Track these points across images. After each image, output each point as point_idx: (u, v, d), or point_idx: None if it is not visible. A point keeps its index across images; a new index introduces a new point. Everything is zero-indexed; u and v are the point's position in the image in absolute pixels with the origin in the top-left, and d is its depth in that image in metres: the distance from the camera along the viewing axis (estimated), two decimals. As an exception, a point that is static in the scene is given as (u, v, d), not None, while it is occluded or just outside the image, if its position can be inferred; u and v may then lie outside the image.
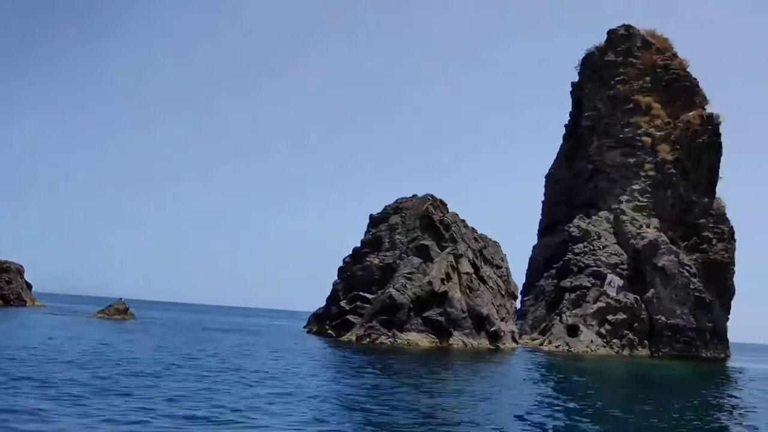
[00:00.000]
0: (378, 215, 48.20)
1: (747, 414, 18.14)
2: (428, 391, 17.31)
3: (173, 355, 22.50)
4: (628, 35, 66.83)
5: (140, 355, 21.36)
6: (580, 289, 51.81)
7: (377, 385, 17.71)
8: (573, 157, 67.48)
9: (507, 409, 15.33)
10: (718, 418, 17.02)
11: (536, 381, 23.86)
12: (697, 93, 63.87)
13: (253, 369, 19.77)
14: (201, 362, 20.69)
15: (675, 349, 53.01)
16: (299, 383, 17.14)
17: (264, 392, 14.95)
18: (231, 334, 41.70)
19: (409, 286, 39.30)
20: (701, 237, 59.13)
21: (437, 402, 15.58)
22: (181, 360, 20.80)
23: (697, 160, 60.85)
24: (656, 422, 15.04)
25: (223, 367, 19.67)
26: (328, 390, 16.28)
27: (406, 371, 22.38)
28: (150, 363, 19.12)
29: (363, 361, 25.01)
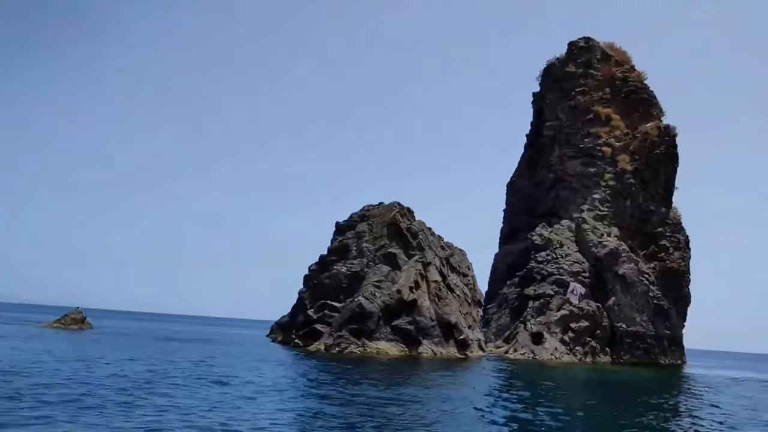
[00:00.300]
0: (344, 223, 47.76)
1: (706, 418, 18.35)
2: (410, 401, 17.02)
3: (147, 368, 21.65)
4: (587, 47, 68.09)
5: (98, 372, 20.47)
6: (544, 297, 52.26)
7: (357, 400, 17.32)
8: (534, 166, 68.29)
9: (468, 418, 15.14)
10: (677, 424, 17.18)
11: (504, 389, 23.77)
12: (654, 105, 65.43)
13: (236, 383, 19.14)
14: (176, 377, 19.91)
15: (635, 356, 53.92)
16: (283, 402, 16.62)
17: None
18: (197, 344, 40.59)
19: (378, 294, 38.97)
20: (659, 246, 60.38)
21: (411, 413, 15.28)
22: (154, 375, 19.99)
23: (655, 171, 62.27)
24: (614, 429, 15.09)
25: (203, 382, 18.99)
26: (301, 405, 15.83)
27: (383, 381, 22.01)
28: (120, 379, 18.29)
29: (337, 372, 24.54)
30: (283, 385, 19.27)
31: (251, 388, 17.71)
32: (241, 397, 15.73)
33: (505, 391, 23.24)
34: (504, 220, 71.51)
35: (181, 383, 17.66)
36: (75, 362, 21.34)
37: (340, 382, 20.82)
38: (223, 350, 35.13)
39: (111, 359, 23.42)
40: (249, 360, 28.32)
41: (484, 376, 28.89)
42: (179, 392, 15.80)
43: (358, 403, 15.90)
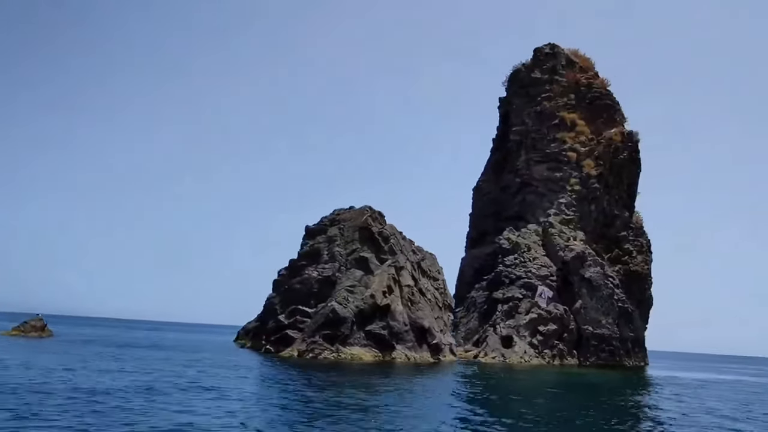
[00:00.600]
0: (315, 227, 47.34)
1: (673, 419, 18.56)
2: (387, 408, 16.78)
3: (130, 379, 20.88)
4: (553, 54, 68.98)
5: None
6: (513, 301, 52.60)
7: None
8: (501, 170, 68.83)
9: (438, 423, 15.01)
10: (646, 424, 17.32)
11: (477, 394, 23.71)
12: (617, 111, 66.60)
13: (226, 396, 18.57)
14: (155, 392, 19.25)
15: (600, 358, 54.67)
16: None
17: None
18: (164, 352, 39.56)
19: (351, 299, 38.64)
20: (622, 249, 61.41)
21: (389, 420, 15.07)
22: (132, 391, 19.31)
23: (619, 176, 63.35)
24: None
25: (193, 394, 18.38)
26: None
27: (360, 387, 21.70)
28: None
29: (313, 379, 24.11)
30: (260, 393, 18.82)
31: (224, 397, 17.23)
32: (214, 406, 15.26)
33: (478, 395, 23.17)
34: (470, 224, 71.85)
35: (164, 392, 17.08)
36: (34, 371, 20.53)
37: (316, 389, 20.45)
38: (192, 358, 34.28)
39: (75, 368, 22.63)
40: (218, 368, 27.66)
41: (459, 381, 28.80)
42: (159, 404, 15.25)
43: (336, 411, 15.60)
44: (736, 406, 25.16)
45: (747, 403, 27.19)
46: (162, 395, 16.77)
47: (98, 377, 20.33)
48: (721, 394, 32.23)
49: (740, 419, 20.10)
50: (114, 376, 21.08)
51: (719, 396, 30.50)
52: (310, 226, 48.11)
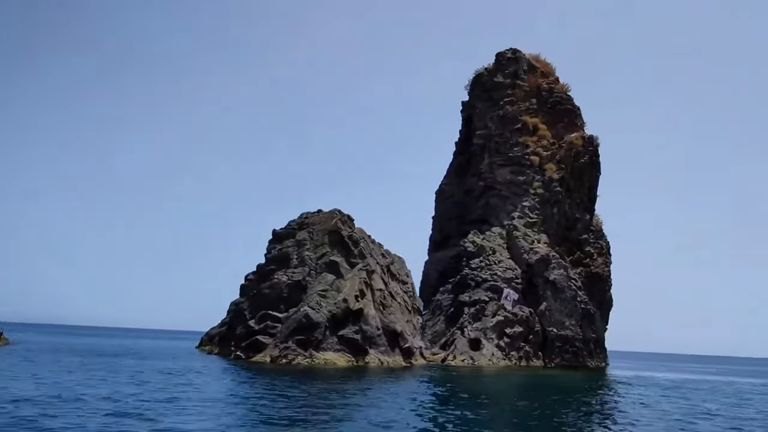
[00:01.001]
0: (282, 231, 46.72)
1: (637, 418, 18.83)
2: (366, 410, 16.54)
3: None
4: (515, 58, 69.79)
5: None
6: (479, 303, 52.86)
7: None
8: (464, 173, 69.26)
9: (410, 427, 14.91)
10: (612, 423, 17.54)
11: (454, 396, 23.66)
12: (578, 116, 67.73)
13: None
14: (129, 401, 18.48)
15: (565, 359, 55.44)
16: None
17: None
18: (127, 359, 38.33)
19: (324, 303, 38.22)
20: (584, 252, 62.44)
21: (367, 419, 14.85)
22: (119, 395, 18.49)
23: (580, 179, 64.43)
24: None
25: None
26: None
27: (340, 392, 21.37)
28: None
29: (294, 385, 23.64)
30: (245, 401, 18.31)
31: (202, 406, 16.69)
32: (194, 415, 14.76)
33: (462, 398, 23.08)
34: (433, 228, 72.05)
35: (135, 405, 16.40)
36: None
37: (296, 395, 20.04)
38: (156, 366, 33.19)
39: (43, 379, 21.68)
40: (189, 376, 26.91)
41: (437, 384, 28.70)
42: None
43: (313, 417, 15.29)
44: (694, 403, 25.71)
45: (689, 397, 27.85)
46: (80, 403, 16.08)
47: (22, 385, 19.28)
48: (685, 392, 32.94)
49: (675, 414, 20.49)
50: (39, 385, 19.91)
51: (683, 394, 31.15)
52: (277, 230, 47.47)
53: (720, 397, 30.39)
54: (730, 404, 26.52)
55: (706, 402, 26.95)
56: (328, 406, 17.74)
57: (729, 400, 29.14)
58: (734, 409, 24.31)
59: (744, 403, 27.74)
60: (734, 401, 28.40)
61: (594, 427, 17.18)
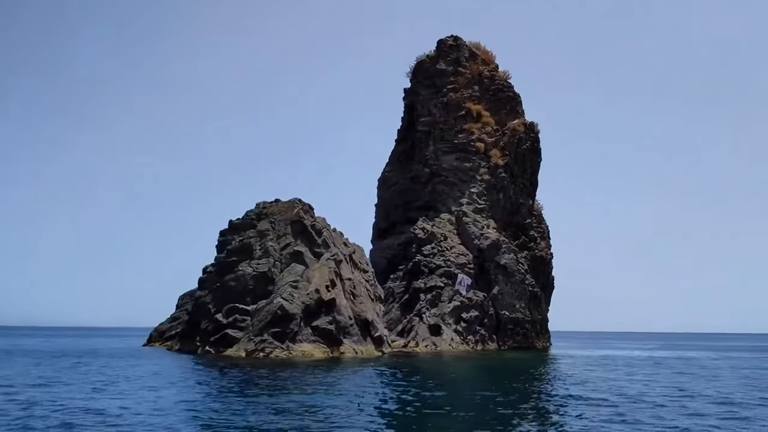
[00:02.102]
0: (240, 221, 45.39)
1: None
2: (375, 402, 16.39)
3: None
4: (456, 46, 70.39)
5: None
6: (435, 290, 53.29)
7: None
8: (408, 160, 69.42)
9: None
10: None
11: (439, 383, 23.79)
12: (519, 103, 69.20)
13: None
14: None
15: (516, 341, 56.89)
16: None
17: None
18: (90, 361, 36.25)
19: (296, 294, 37.46)
20: (528, 236, 64.05)
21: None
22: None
23: (522, 165, 65.96)
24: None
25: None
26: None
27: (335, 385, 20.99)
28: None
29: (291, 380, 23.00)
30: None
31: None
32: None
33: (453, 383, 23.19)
34: (377, 215, 71.93)
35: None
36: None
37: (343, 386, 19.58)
38: (123, 365, 31.48)
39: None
40: (165, 380, 25.72)
41: (418, 371, 28.70)
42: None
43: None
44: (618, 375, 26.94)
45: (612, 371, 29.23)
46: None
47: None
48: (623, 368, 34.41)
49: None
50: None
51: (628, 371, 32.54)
52: (234, 220, 46.11)
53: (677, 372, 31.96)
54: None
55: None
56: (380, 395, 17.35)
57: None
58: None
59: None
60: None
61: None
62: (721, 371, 32.12)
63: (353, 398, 17.35)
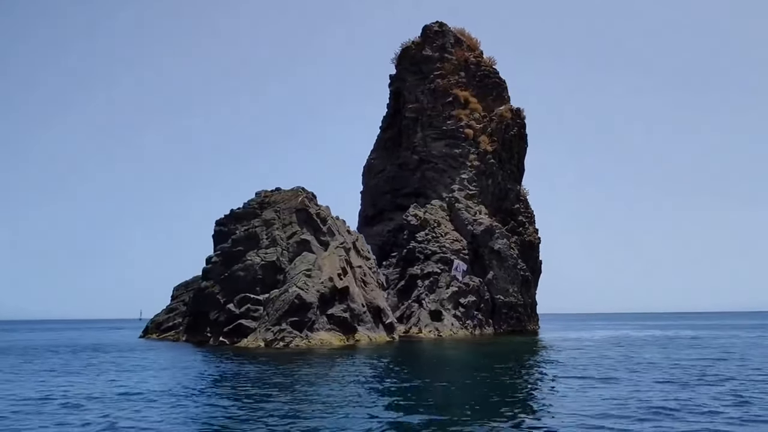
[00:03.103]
0: (242, 210, 45.00)
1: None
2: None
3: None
4: (441, 32, 70.46)
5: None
6: (433, 276, 53.63)
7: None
8: (396, 147, 69.43)
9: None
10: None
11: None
12: (505, 89, 69.70)
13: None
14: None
15: (510, 325, 57.67)
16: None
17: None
18: (94, 353, 35.43)
19: (311, 283, 37.31)
20: (517, 221, 64.74)
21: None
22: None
23: (510, 151, 66.57)
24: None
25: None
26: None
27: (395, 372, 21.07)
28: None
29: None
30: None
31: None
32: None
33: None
34: (364, 202, 71.89)
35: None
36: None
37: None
38: (150, 362, 30.88)
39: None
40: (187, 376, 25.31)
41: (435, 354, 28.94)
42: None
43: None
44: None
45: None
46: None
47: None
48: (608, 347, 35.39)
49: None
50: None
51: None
52: (235, 209, 45.68)
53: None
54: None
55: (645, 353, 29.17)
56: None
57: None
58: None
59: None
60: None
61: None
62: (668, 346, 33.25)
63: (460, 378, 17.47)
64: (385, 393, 15.78)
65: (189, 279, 54.17)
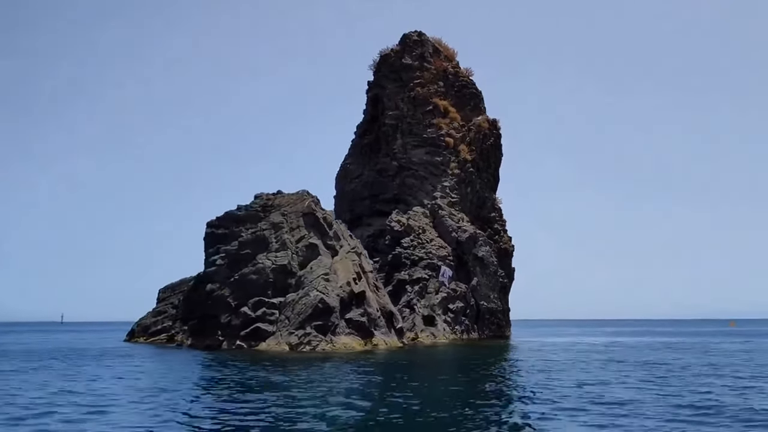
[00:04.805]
0: (244, 213, 44.47)
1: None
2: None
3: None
4: (420, 41, 71.43)
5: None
6: (422, 281, 54.30)
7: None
8: (374, 153, 69.83)
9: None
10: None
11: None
12: (481, 99, 71.29)
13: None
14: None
15: (492, 330, 59.04)
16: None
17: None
18: (100, 360, 34.28)
19: (330, 288, 37.32)
20: (493, 229, 66.31)
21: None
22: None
23: (487, 160, 68.14)
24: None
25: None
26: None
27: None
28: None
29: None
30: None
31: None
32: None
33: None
34: (339, 207, 71.80)
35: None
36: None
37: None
38: (143, 366, 30.07)
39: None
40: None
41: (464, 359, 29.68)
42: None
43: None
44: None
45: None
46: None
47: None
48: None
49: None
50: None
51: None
52: (236, 212, 45.10)
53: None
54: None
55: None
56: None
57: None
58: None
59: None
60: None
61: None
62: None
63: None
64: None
65: (174, 282, 53.00)
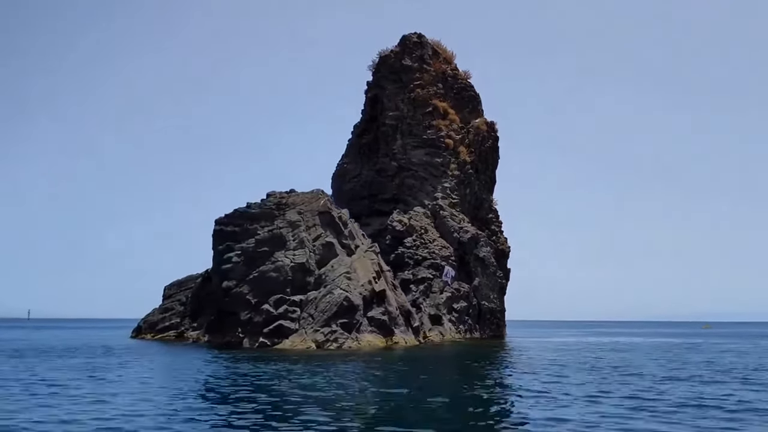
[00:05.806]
0: (258, 211, 44.49)
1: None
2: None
3: None
4: (420, 43, 71.99)
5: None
6: (426, 281, 54.84)
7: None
8: (373, 153, 70.18)
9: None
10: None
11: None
12: (479, 102, 72.14)
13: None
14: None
15: (492, 330, 59.87)
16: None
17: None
18: (125, 358, 34.13)
19: (352, 286, 37.65)
20: (490, 230, 67.22)
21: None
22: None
23: (485, 162, 69.02)
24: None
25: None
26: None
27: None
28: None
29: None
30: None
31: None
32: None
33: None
34: (337, 206, 72.01)
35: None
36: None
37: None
38: (163, 363, 29.83)
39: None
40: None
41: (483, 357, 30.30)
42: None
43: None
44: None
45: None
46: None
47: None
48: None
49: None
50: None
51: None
52: (248, 210, 45.11)
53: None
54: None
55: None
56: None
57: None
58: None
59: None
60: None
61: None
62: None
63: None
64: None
65: (181, 278, 52.81)
